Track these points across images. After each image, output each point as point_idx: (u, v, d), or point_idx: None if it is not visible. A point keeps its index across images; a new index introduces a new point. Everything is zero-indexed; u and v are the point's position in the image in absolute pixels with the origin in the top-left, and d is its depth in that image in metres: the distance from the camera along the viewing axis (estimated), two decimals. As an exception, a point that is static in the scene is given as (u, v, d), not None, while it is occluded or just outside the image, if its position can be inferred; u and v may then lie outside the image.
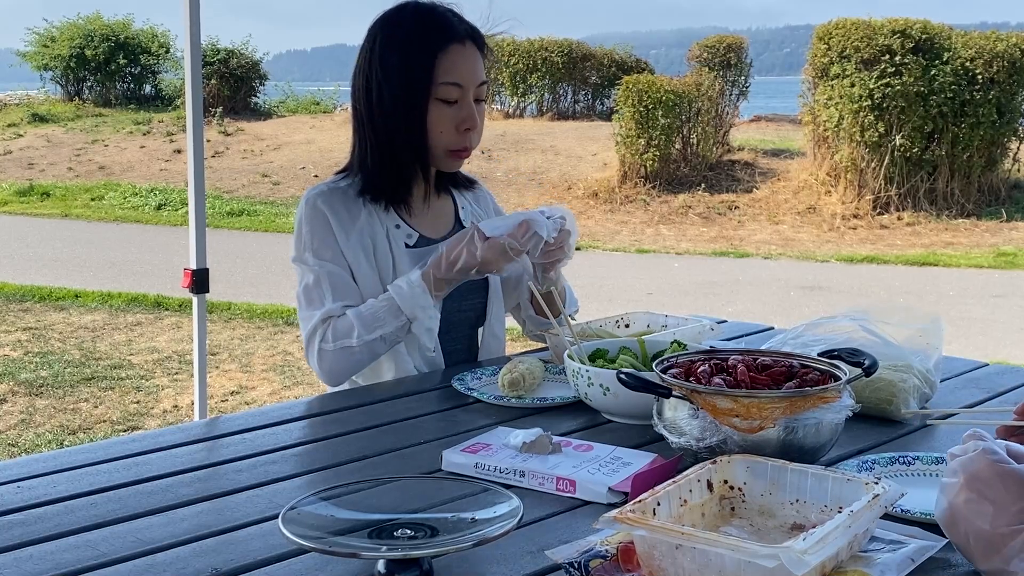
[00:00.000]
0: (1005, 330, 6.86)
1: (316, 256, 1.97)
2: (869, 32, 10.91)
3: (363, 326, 1.89)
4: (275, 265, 9.20)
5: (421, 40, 1.95)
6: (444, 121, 1.98)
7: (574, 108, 16.82)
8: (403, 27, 1.98)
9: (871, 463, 1.39)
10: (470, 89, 1.98)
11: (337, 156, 14.72)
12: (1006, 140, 11.27)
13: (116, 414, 4.96)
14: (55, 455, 1.50)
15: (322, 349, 1.91)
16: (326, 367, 1.92)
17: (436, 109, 1.97)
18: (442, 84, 1.95)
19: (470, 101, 1.99)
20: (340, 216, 1.99)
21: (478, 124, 2.02)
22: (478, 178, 2.30)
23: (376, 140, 2.01)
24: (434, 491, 1.22)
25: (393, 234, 2.02)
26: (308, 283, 1.97)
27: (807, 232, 10.91)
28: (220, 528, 1.24)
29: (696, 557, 1.00)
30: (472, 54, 1.99)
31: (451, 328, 2.05)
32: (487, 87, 2.05)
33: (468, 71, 1.98)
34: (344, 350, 1.90)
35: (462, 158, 2.06)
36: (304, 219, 2.00)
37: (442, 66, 1.95)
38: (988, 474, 1.06)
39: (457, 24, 1.99)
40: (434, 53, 1.95)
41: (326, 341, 1.91)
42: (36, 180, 14.13)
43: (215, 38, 18.94)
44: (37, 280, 8.17)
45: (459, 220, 2.16)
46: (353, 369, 1.93)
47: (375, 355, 1.93)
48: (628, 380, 1.44)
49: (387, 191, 2.03)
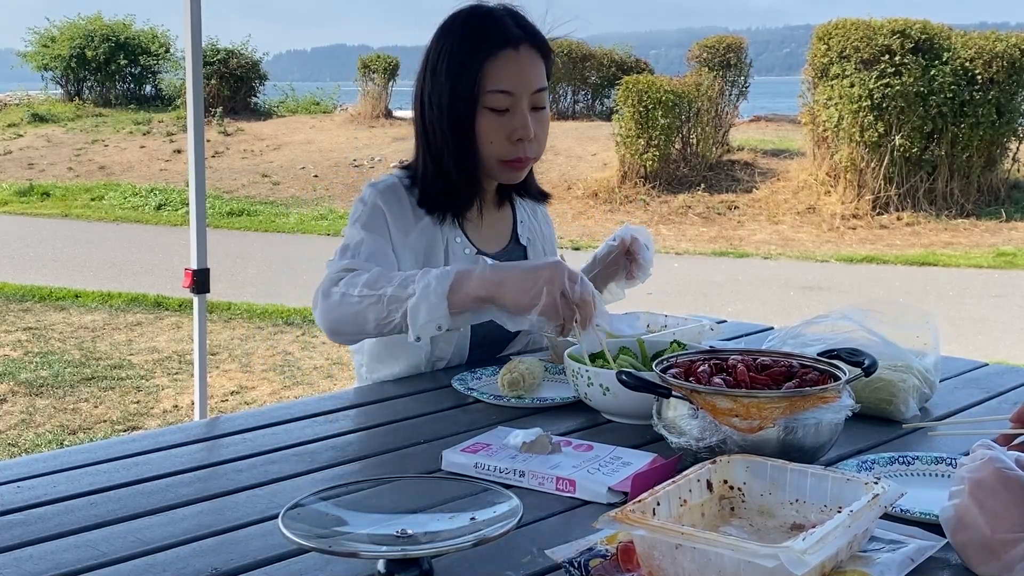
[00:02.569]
0: (1005, 330, 6.86)
1: (366, 228, 1.90)
2: (869, 32, 10.91)
3: (373, 280, 1.76)
4: (275, 265, 9.20)
5: (470, 48, 1.89)
6: (494, 131, 1.90)
7: (574, 108, 16.83)
8: (455, 34, 1.92)
9: (871, 463, 1.39)
10: (523, 96, 1.89)
11: (337, 156, 14.73)
12: (1006, 140, 11.28)
13: (116, 414, 4.96)
14: (55, 455, 1.50)
15: (330, 291, 1.79)
16: (325, 305, 1.79)
17: (485, 119, 1.90)
18: (490, 92, 1.88)
19: (523, 109, 1.90)
20: (401, 216, 1.93)
21: (532, 133, 1.91)
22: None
23: (429, 151, 1.96)
24: (434, 491, 1.22)
25: (452, 246, 1.98)
26: (349, 243, 1.88)
27: (807, 232, 10.91)
28: (220, 528, 1.24)
29: (696, 557, 1.00)
30: (528, 59, 1.90)
31: (487, 344, 2.03)
32: (547, 93, 1.95)
33: (519, 77, 1.89)
34: (344, 297, 1.77)
35: (518, 169, 1.96)
36: (363, 203, 1.94)
37: (490, 73, 1.87)
38: (992, 481, 1.07)
39: (512, 28, 1.90)
40: (482, 60, 1.87)
41: (337, 285, 1.79)
42: (36, 180, 14.13)
43: (215, 38, 18.96)
44: (37, 280, 8.17)
45: (516, 235, 2.11)
46: (344, 320, 1.77)
47: (367, 320, 1.74)
48: (628, 380, 1.44)
49: (442, 203, 1.97)
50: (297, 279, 8.26)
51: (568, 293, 1.61)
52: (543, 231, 2.19)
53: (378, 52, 18.13)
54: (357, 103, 17.50)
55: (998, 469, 1.07)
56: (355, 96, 17.66)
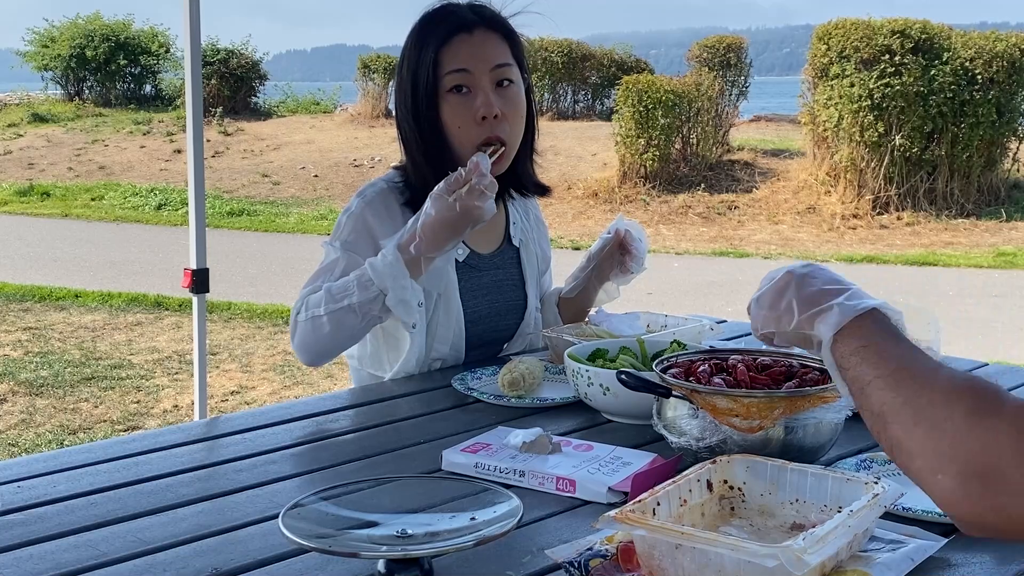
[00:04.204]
0: (1005, 330, 6.86)
1: (344, 246, 1.91)
2: (869, 32, 10.90)
3: (331, 296, 1.80)
4: (275, 265, 9.20)
5: (424, 39, 1.91)
6: (458, 114, 1.88)
7: (574, 108, 16.81)
8: (412, 32, 1.94)
9: (869, 462, 1.39)
10: (481, 74, 1.88)
11: (337, 156, 14.72)
12: (1006, 140, 11.27)
13: (116, 414, 4.96)
14: (55, 455, 1.50)
15: (297, 322, 1.84)
16: (298, 339, 1.85)
17: (447, 104, 1.89)
18: (447, 74, 1.88)
19: (484, 87, 1.88)
20: (390, 223, 1.91)
21: (497, 109, 1.88)
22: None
23: (407, 149, 1.97)
24: (434, 491, 1.22)
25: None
26: (323, 265, 1.91)
27: (807, 232, 10.91)
28: (220, 528, 1.24)
29: (696, 557, 1.00)
30: (482, 39, 1.90)
31: (483, 345, 2.05)
32: (515, 70, 1.92)
33: (474, 55, 1.88)
34: (312, 320, 1.81)
35: (497, 153, 1.91)
36: (349, 216, 1.95)
37: (445, 58, 1.88)
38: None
39: (466, 14, 1.91)
40: (437, 48, 1.88)
41: (300, 313, 1.83)
42: (36, 180, 14.13)
43: (215, 38, 18.95)
44: (37, 280, 8.17)
45: (509, 236, 2.11)
46: (322, 342, 1.82)
47: (346, 329, 1.81)
48: (628, 380, 1.44)
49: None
50: (297, 279, 8.22)
51: (459, 177, 1.73)
52: (535, 232, 2.19)
53: (378, 52, 18.13)
54: (357, 103, 17.50)
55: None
56: (355, 96, 17.66)
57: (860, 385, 1.05)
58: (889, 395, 1.01)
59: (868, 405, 1.03)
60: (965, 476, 0.90)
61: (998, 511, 0.89)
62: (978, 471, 0.89)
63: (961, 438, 0.91)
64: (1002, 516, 0.89)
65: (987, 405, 0.92)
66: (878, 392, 1.02)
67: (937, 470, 0.92)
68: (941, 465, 0.92)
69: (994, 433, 0.89)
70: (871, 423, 1.03)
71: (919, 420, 0.96)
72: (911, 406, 0.97)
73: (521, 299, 2.11)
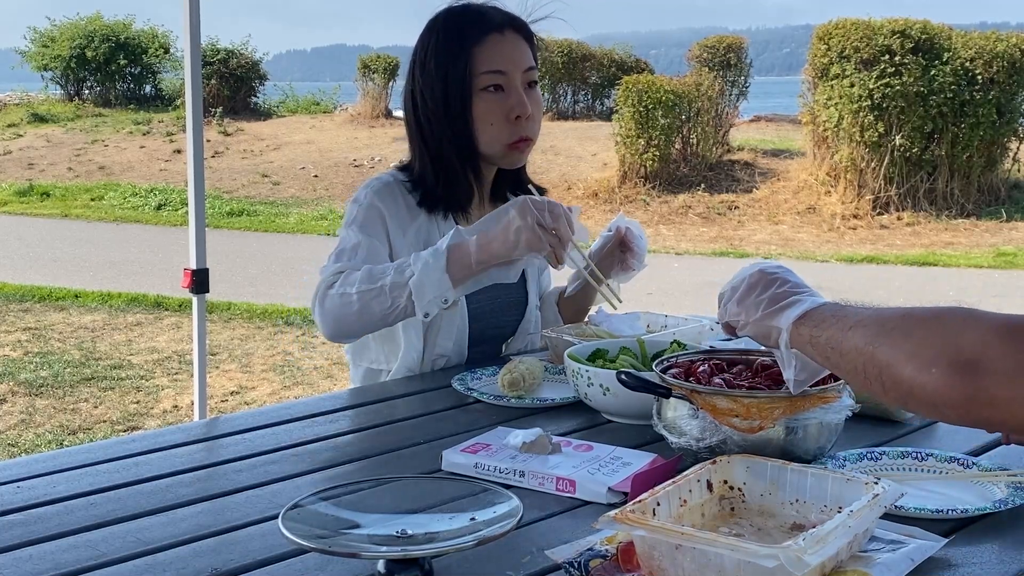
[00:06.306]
0: (1005, 330, 6.86)
1: (361, 230, 1.92)
2: (869, 32, 10.91)
3: (369, 276, 1.80)
4: (275, 265, 9.20)
5: (456, 37, 1.93)
6: (493, 112, 1.93)
7: (574, 108, 16.82)
8: (438, 31, 1.96)
9: (878, 454, 1.39)
10: (515, 75, 1.94)
11: (337, 156, 14.73)
12: (1006, 140, 11.28)
13: (116, 414, 4.96)
14: (55, 455, 1.50)
15: (327, 294, 1.84)
16: (324, 312, 1.84)
17: (482, 102, 1.93)
18: (483, 74, 1.92)
19: (517, 86, 1.94)
20: (397, 213, 1.95)
21: (530, 110, 1.95)
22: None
23: (427, 149, 1.98)
24: (434, 491, 1.22)
25: None
26: (345, 247, 1.91)
27: (807, 232, 10.91)
28: (220, 528, 1.24)
29: (696, 557, 1.00)
30: (513, 41, 1.96)
31: (484, 342, 2.05)
32: (536, 73, 2.00)
33: (509, 57, 1.94)
34: (343, 296, 1.81)
35: (522, 150, 1.99)
36: (358, 204, 1.96)
37: (479, 57, 1.92)
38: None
39: (493, 15, 1.96)
40: (469, 47, 1.92)
41: (332, 288, 1.83)
42: (36, 180, 14.13)
43: (215, 38, 18.96)
44: (37, 280, 8.17)
45: None
46: (348, 319, 1.82)
47: (372, 312, 1.80)
48: (628, 380, 1.44)
49: (444, 199, 1.99)
50: (297, 279, 8.25)
51: (542, 221, 1.73)
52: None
53: (378, 52, 18.13)
54: (357, 103, 17.50)
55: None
56: (355, 96, 17.66)
57: (837, 341, 1.14)
58: (874, 328, 1.10)
59: (849, 354, 1.12)
60: (957, 365, 1.00)
61: (985, 393, 0.99)
62: (969, 359, 1.00)
63: (952, 335, 1.03)
64: (988, 397, 0.99)
65: (972, 312, 1.06)
66: (861, 331, 1.11)
67: (931, 364, 1.02)
68: (935, 358, 1.02)
69: (982, 331, 1.01)
70: (855, 367, 1.11)
71: (912, 329, 1.06)
72: (900, 328, 1.07)
73: (522, 295, 2.12)
